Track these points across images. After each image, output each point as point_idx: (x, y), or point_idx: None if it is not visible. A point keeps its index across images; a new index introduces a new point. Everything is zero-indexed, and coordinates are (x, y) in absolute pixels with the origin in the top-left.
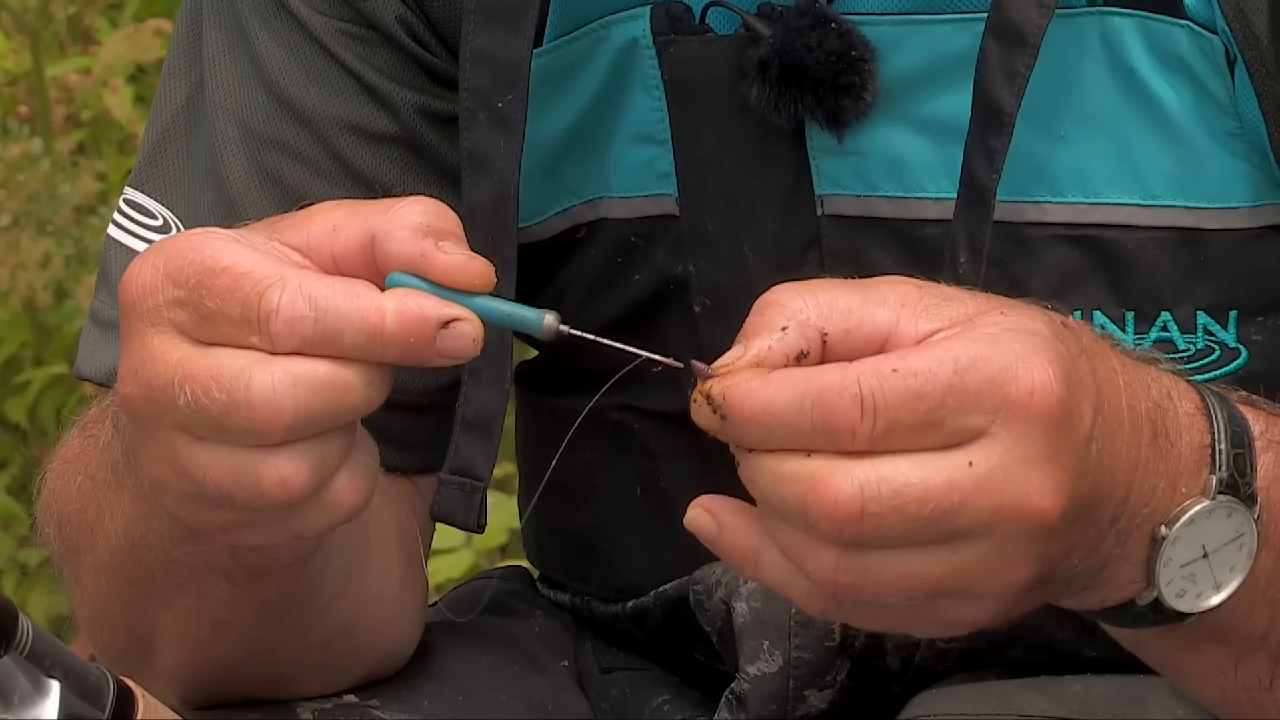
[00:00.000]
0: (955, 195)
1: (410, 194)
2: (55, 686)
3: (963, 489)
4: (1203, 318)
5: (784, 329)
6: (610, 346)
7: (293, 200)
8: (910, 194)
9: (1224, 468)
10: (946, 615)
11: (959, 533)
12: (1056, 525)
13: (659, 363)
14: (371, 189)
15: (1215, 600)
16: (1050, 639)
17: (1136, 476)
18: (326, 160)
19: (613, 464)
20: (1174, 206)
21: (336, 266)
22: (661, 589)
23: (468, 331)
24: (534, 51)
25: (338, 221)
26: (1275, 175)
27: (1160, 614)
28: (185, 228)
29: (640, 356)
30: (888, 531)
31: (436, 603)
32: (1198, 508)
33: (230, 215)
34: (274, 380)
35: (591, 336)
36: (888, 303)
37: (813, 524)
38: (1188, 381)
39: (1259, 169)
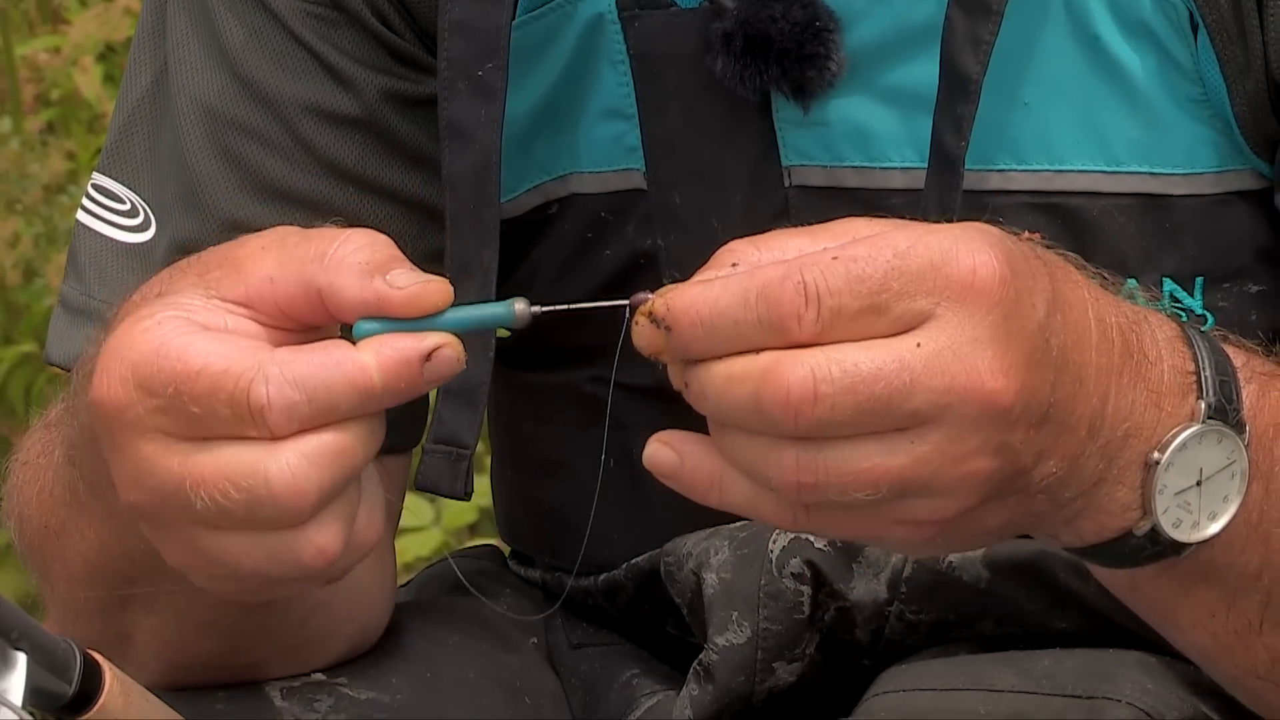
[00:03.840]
0: (920, 165)
1: (369, 182)
2: (21, 659)
3: (913, 368)
4: (1169, 285)
5: (734, 265)
6: (580, 310)
7: (256, 183)
8: (876, 164)
9: (1211, 393)
10: (913, 513)
11: (913, 416)
12: (1011, 409)
13: (620, 307)
14: (334, 171)
15: (1212, 530)
16: (1020, 611)
17: (1111, 387)
18: (289, 142)
19: (585, 437)
20: (1139, 173)
21: (282, 314)
22: (633, 561)
23: (450, 355)
24: None
25: (273, 273)
26: (1238, 141)
27: (1158, 546)
28: (152, 210)
29: (606, 307)
30: (842, 415)
31: (409, 583)
32: (1188, 432)
33: (194, 198)
34: (290, 466)
35: (563, 306)
36: (838, 237)
37: (768, 416)
38: (1164, 312)
39: (1223, 135)
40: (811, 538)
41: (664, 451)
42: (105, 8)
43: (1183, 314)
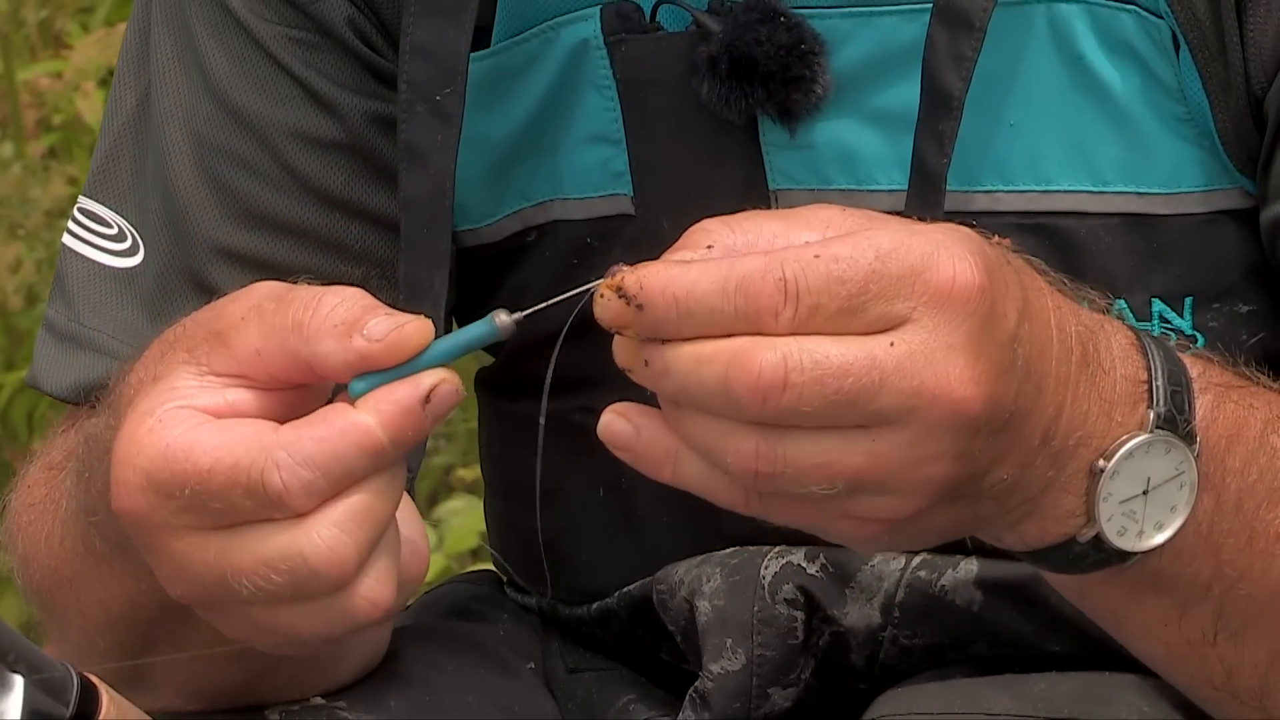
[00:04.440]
0: (906, 186)
1: (356, 206)
2: (19, 681)
3: (884, 367)
4: (1158, 305)
5: (709, 247)
6: (558, 301)
7: (241, 209)
8: (863, 186)
9: (1161, 403)
10: (863, 510)
11: (878, 415)
12: (977, 418)
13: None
14: (319, 197)
15: (1157, 540)
16: (1014, 633)
17: (1067, 397)
18: (274, 168)
19: (575, 467)
20: (1125, 193)
21: (275, 380)
22: (625, 589)
23: (448, 390)
24: (481, 53)
25: (258, 345)
26: (1223, 159)
27: (1102, 553)
28: (140, 235)
29: (581, 291)
30: (808, 406)
31: (408, 608)
32: (1135, 441)
33: (180, 225)
34: (323, 539)
35: (543, 305)
36: (812, 226)
37: (735, 399)
38: (1120, 320)
39: (1208, 153)
40: (804, 563)
41: (619, 423)
42: (107, 32)
43: (1172, 334)
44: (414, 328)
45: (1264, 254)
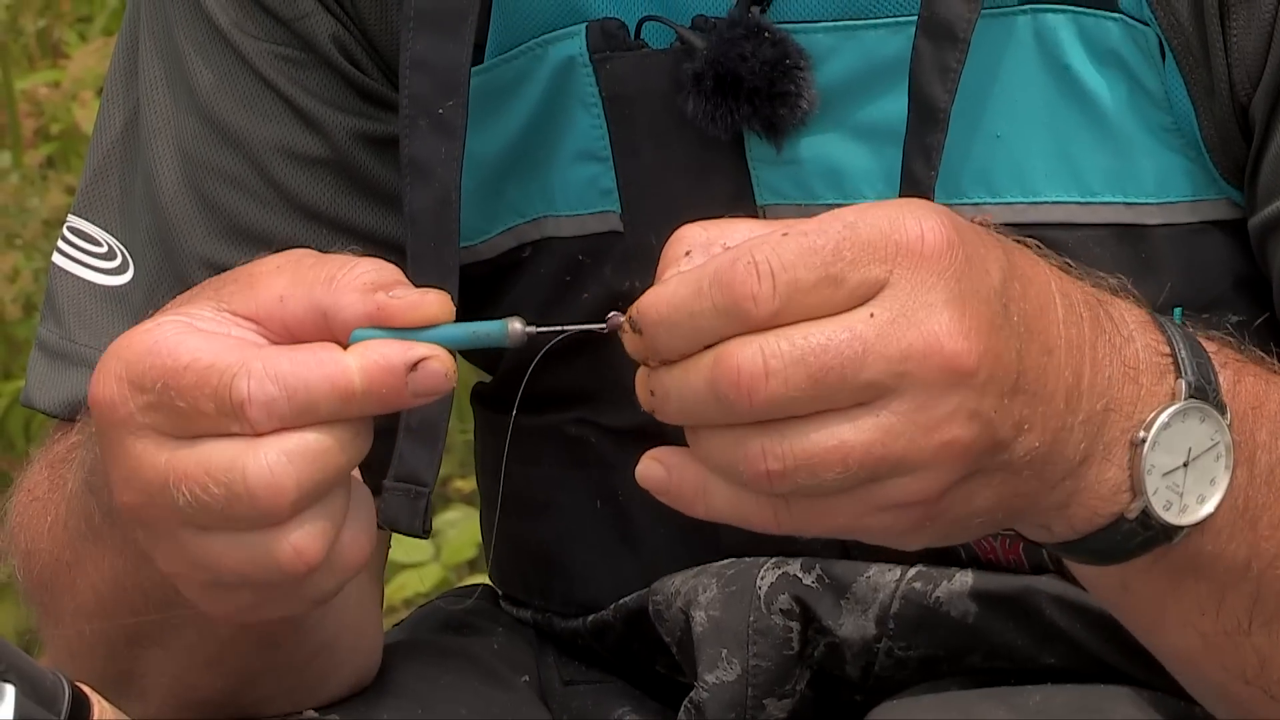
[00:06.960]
0: (893, 198)
1: (342, 223)
2: (9, 690)
3: (865, 338)
4: None
5: (688, 253)
6: (573, 331)
7: (229, 225)
8: (849, 200)
9: (1190, 373)
10: (893, 496)
11: (872, 387)
12: (975, 372)
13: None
14: (306, 213)
15: (1202, 512)
16: (1008, 645)
17: (1085, 360)
18: (260, 185)
19: (570, 479)
20: (1113, 203)
21: (289, 333)
22: (621, 601)
23: (437, 368)
24: (474, 69)
25: (284, 292)
26: (1210, 169)
27: (1150, 530)
28: (130, 253)
29: (603, 326)
30: (796, 390)
31: (403, 621)
32: (1170, 410)
33: (167, 242)
34: (268, 462)
35: (559, 328)
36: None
37: (724, 401)
38: (1133, 297)
39: (1195, 163)
40: (800, 574)
41: (654, 467)
42: (105, 42)
43: None
44: (435, 297)
45: (1253, 264)
